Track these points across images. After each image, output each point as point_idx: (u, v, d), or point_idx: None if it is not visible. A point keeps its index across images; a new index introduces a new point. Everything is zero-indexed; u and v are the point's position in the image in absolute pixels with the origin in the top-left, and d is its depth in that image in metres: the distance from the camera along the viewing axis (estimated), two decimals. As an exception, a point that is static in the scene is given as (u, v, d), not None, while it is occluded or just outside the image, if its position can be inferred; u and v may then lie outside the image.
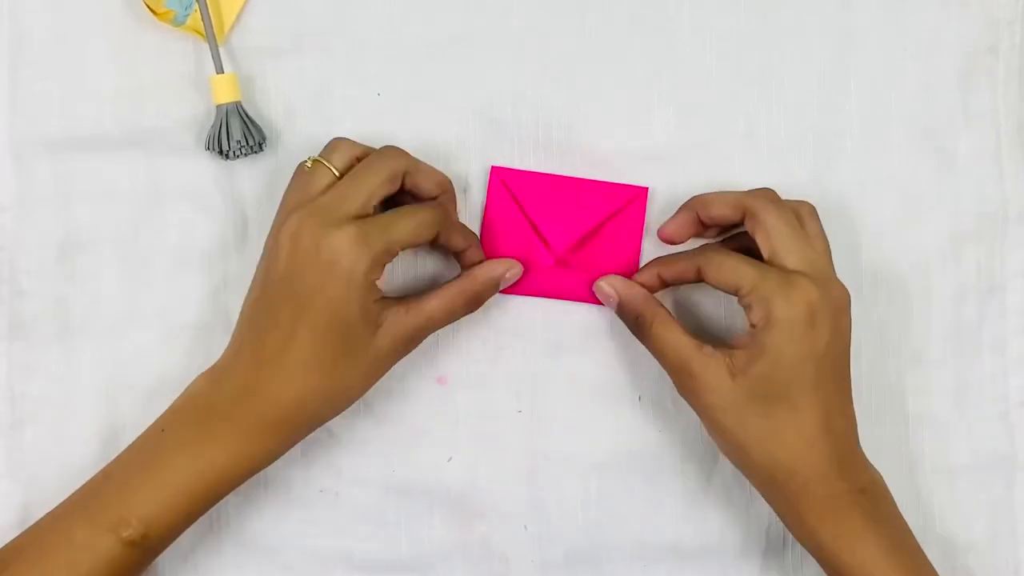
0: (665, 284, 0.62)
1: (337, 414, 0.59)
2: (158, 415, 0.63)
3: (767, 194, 0.60)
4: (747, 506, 0.64)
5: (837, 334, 0.57)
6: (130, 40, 0.63)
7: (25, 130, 0.63)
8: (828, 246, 0.59)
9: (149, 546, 0.56)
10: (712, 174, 0.64)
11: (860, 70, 0.65)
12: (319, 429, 0.60)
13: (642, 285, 0.62)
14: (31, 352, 0.63)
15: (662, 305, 0.61)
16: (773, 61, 0.64)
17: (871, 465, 0.59)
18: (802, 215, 0.60)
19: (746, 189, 0.61)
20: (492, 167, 0.63)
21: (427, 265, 0.64)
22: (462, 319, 0.61)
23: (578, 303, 0.64)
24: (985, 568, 0.65)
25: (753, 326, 0.57)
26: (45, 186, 0.63)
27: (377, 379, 0.59)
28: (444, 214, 0.59)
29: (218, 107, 0.62)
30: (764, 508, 0.64)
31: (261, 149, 0.63)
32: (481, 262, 0.62)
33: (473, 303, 0.61)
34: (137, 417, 0.63)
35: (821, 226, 0.60)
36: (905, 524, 0.59)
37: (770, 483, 0.58)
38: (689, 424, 0.64)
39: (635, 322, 0.61)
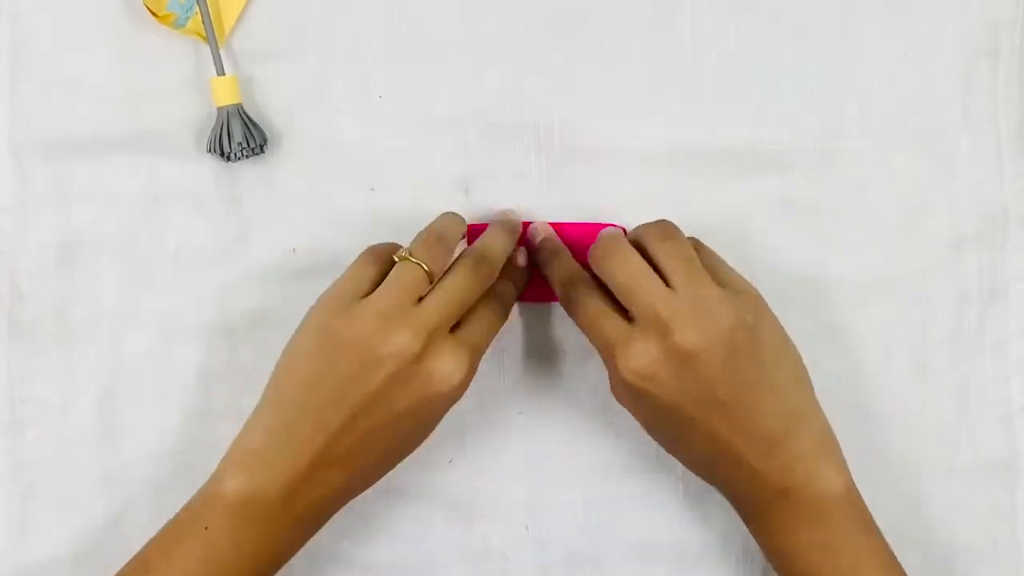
0: None
1: None
2: (158, 415, 0.63)
3: (660, 228, 0.58)
4: (748, 509, 0.64)
5: (689, 380, 0.54)
6: (131, 42, 0.63)
7: (25, 132, 0.63)
8: (692, 269, 0.55)
9: None
10: (712, 175, 0.64)
11: (860, 72, 0.65)
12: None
13: None
14: (31, 354, 0.63)
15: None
16: (773, 63, 0.64)
17: (815, 462, 0.56)
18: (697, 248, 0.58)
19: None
20: (468, 225, 0.63)
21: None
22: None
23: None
24: (986, 572, 0.64)
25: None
26: (45, 188, 0.63)
27: None
28: (513, 296, 0.60)
29: (219, 109, 0.62)
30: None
31: (262, 151, 0.63)
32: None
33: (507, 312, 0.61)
34: (137, 419, 0.63)
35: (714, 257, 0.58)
36: (850, 520, 0.56)
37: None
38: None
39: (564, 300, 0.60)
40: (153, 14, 0.62)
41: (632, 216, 0.63)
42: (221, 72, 0.63)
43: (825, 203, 0.64)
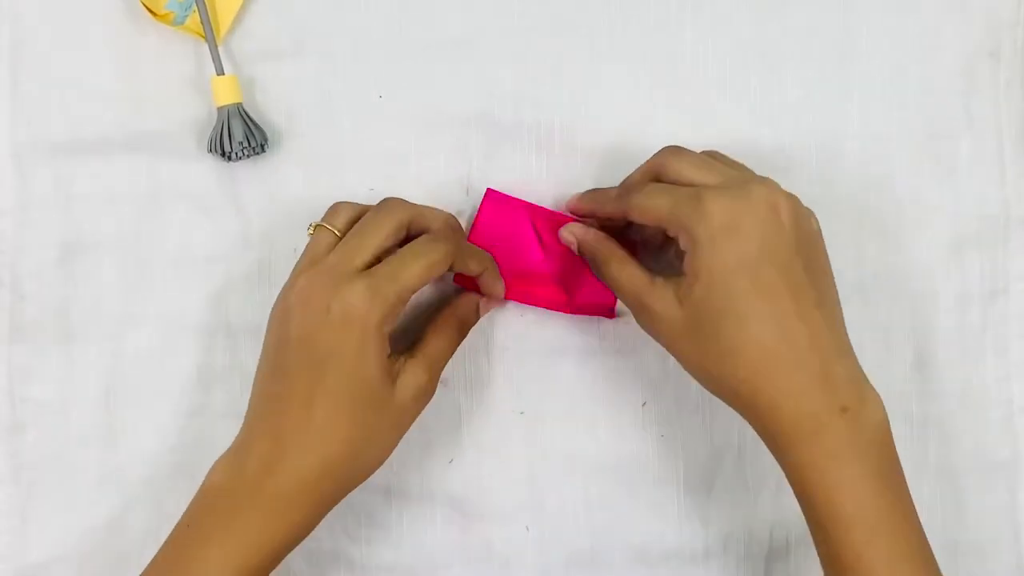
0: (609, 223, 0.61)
1: (369, 475, 0.57)
2: (158, 415, 0.63)
3: (667, 148, 0.58)
4: (750, 510, 0.64)
5: (771, 234, 0.53)
6: (131, 42, 0.63)
7: (26, 133, 0.63)
8: (744, 166, 0.58)
9: None
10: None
11: (862, 73, 0.65)
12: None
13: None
14: (32, 355, 0.63)
15: (617, 245, 0.59)
16: (775, 63, 0.64)
17: (866, 386, 0.54)
18: (709, 153, 0.59)
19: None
20: (488, 190, 0.63)
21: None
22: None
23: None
24: (988, 571, 0.64)
25: (684, 252, 0.55)
26: (46, 189, 0.63)
27: (404, 431, 0.58)
28: (453, 245, 0.57)
29: (219, 109, 0.62)
30: (767, 512, 0.64)
31: (263, 151, 0.63)
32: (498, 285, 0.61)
33: (465, 329, 0.61)
34: (137, 419, 0.63)
35: (729, 157, 0.59)
36: (894, 454, 0.55)
37: (737, 402, 0.55)
38: (692, 427, 0.64)
39: (593, 262, 0.60)
40: (152, 12, 0.62)
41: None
42: (220, 71, 0.62)
43: (825, 203, 0.64)
